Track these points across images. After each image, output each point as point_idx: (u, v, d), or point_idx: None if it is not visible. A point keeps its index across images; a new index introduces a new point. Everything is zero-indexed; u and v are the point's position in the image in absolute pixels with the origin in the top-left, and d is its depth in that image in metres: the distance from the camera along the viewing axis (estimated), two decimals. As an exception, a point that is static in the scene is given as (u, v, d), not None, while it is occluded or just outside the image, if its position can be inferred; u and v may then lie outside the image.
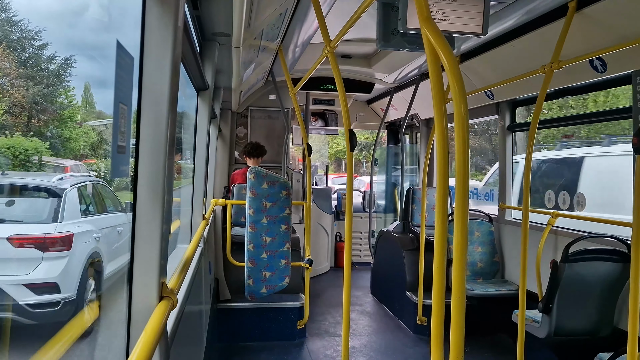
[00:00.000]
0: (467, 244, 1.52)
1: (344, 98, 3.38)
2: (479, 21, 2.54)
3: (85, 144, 4.84)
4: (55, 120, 4.29)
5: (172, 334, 2.03)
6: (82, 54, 2.18)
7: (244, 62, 4.30)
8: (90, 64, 2.31)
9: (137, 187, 1.65)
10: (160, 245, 1.69)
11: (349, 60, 6.95)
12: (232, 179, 6.75)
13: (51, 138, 4.04)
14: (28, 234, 2.28)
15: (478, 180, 13.33)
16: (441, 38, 1.57)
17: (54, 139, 4.15)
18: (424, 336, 5.92)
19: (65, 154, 4.41)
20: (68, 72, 3.92)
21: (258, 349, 5.52)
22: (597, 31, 3.74)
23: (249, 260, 4.74)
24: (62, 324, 2.46)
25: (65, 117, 4.48)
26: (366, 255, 9.82)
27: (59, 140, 4.25)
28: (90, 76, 2.31)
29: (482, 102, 5.88)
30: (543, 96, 3.86)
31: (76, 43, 2.12)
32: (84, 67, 2.21)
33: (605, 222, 6.27)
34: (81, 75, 2.63)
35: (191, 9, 2.83)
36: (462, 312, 1.49)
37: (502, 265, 5.96)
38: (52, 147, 3.92)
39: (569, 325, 4.16)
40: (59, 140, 4.25)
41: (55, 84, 4.22)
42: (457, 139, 1.51)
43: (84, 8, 2.07)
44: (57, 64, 3.99)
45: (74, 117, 4.53)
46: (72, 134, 4.55)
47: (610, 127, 10.96)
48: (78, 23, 1.94)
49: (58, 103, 4.34)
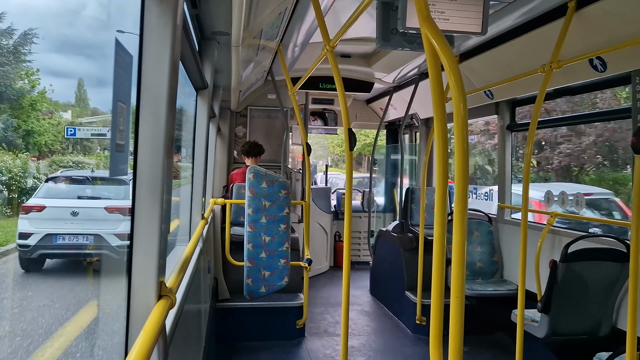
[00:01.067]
0: (466, 244, 1.52)
1: (344, 97, 3.38)
2: (479, 21, 2.54)
3: (54, 139, 4.42)
4: (13, 109, 3.69)
5: (170, 333, 2.02)
6: (80, 52, 2.16)
7: (243, 61, 4.30)
8: (87, 63, 2.30)
9: (135, 185, 1.65)
10: (159, 244, 1.69)
11: (349, 59, 6.94)
12: (231, 179, 6.74)
13: (4, 130, 3.61)
14: (114, 205, 3.50)
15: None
16: (441, 37, 1.57)
17: (8, 131, 3.70)
18: (423, 336, 5.92)
19: (27, 149, 4.04)
20: (28, 49, 3.26)
21: (257, 348, 5.52)
22: (597, 31, 3.74)
23: (248, 259, 4.74)
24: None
25: (25, 105, 3.91)
26: (365, 254, 9.82)
27: (17, 133, 3.76)
28: (85, 74, 2.30)
29: (482, 101, 5.88)
30: (542, 96, 3.86)
31: (73, 41, 2.11)
32: (82, 66, 2.21)
33: (605, 222, 6.28)
34: (79, 73, 2.61)
35: (190, 7, 2.83)
36: (461, 311, 1.49)
37: (501, 265, 5.96)
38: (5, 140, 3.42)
39: (567, 324, 4.17)
40: (17, 134, 3.77)
41: (9, 62, 3.52)
42: (456, 139, 1.51)
43: (82, 7, 2.07)
44: (14, 39, 3.23)
45: (38, 106, 4.03)
46: (35, 127, 4.05)
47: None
48: (75, 22, 1.94)
49: (14, 88, 3.70)
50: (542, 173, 16.22)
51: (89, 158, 5.08)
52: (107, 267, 3.42)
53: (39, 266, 2.38)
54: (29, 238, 2.19)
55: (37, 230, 2.37)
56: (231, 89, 5.48)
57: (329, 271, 9.33)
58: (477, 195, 7.83)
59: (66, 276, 2.67)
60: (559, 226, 5.00)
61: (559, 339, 4.20)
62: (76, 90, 2.62)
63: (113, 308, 2.88)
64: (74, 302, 2.85)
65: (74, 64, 2.84)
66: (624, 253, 3.98)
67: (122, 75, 1.63)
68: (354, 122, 9.68)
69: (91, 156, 4.39)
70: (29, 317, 2.01)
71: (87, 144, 5.18)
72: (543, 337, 4.20)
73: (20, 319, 2.08)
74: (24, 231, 2.12)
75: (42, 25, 1.86)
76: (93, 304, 3.12)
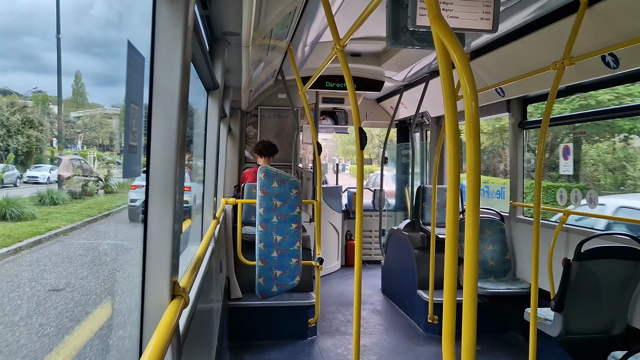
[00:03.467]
0: (479, 242, 1.51)
1: (354, 96, 3.38)
2: (489, 18, 2.52)
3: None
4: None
5: (184, 332, 2.04)
6: (89, 52, 2.18)
7: (254, 61, 4.31)
8: (94, 61, 2.32)
9: (148, 186, 1.66)
10: (172, 244, 1.70)
11: (359, 58, 6.94)
12: (242, 178, 6.77)
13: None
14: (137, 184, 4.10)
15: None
16: (451, 35, 1.56)
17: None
18: (434, 335, 5.91)
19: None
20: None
21: (269, 347, 5.53)
22: (609, 27, 3.70)
23: (260, 259, 4.76)
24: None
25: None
26: (377, 253, 9.81)
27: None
28: (84, 69, 2.32)
29: (493, 99, 5.85)
30: (554, 93, 3.83)
31: (84, 41, 2.13)
32: (83, 64, 2.24)
33: (618, 219, 6.20)
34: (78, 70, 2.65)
35: (201, 8, 2.85)
36: (474, 310, 1.48)
37: (514, 264, 5.93)
38: None
39: (581, 323, 4.13)
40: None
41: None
42: (467, 137, 1.50)
43: (92, 7, 2.09)
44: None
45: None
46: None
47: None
48: (83, 21, 1.96)
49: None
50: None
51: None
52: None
53: (136, 217, 3.74)
54: (135, 202, 3.77)
55: (138, 198, 3.76)
56: (242, 89, 5.50)
57: (340, 270, 9.33)
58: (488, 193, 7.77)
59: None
60: (572, 224, 4.95)
61: (573, 337, 4.17)
62: (73, 83, 2.63)
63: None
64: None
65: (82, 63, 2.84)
66: (638, 251, 3.94)
67: (134, 76, 1.65)
68: (365, 120, 9.67)
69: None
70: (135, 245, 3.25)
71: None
72: (556, 336, 4.17)
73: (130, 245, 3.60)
74: (132, 198, 3.81)
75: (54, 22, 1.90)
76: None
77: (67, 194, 3.21)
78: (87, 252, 3.56)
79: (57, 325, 2.73)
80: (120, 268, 3.82)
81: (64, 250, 3.21)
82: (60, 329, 2.70)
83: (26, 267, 2.86)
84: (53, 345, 2.52)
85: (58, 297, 2.99)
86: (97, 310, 3.22)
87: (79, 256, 3.43)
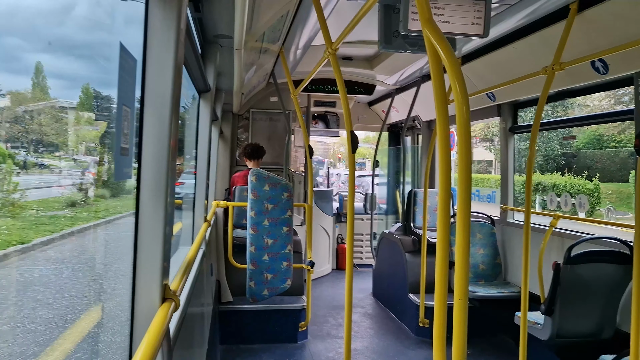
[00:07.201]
0: (470, 246, 1.52)
1: (346, 100, 3.39)
2: (481, 23, 2.54)
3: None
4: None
5: (174, 336, 2.03)
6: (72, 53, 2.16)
7: (246, 64, 4.31)
8: (87, 65, 2.29)
9: (139, 189, 1.65)
10: (163, 247, 1.69)
11: (351, 62, 6.95)
12: (233, 181, 6.75)
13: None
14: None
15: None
16: (443, 40, 1.57)
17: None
18: (425, 338, 5.92)
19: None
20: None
21: (260, 350, 5.52)
22: (599, 33, 3.74)
23: (251, 262, 4.74)
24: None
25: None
26: (368, 257, 9.82)
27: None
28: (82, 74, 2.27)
29: (484, 103, 5.88)
30: (545, 98, 3.86)
31: (72, 43, 2.11)
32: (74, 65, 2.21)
33: (608, 224, 6.25)
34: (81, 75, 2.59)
35: (193, 11, 2.84)
36: (465, 314, 1.49)
37: (504, 267, 5.96)
38: None
39: (571, 327, 4.16)
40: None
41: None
42: (459, 141, 1.51)
43: (84, 9, 2.07)
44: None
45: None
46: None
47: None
48: (66, 21, 1.94)
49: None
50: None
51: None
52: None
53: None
54: (179, 195, 4.37)
55: (181, 191, 4.41)
56: (233, 92, 5.49)
57: (331, 273, 9.32)
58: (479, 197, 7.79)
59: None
60: (562, 228, 4.99)
61: (563, 341, 4.19)
62: (33, 77, 2.37)
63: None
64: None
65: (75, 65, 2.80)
66: (627, 255, 3.98)
67: (126, 78, 1.64)
68: (356, 124, 9.69)
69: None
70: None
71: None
72: (546, 339, 4.19)
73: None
74: (176, 191, 4.01)
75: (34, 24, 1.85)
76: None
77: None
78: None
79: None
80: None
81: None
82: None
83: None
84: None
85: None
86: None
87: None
